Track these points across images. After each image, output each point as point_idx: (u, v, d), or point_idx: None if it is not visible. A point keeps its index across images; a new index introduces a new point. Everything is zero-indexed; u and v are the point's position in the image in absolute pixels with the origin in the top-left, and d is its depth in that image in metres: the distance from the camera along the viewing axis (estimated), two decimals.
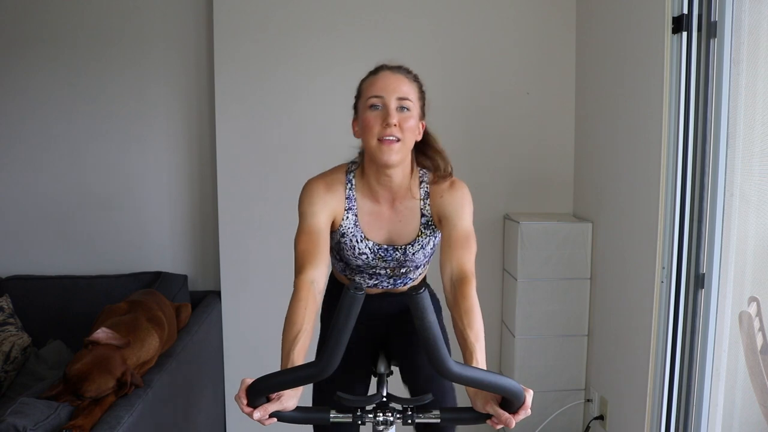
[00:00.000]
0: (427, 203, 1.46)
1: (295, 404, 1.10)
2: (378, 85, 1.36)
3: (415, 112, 1.38)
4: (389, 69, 1.39)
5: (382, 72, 1.39)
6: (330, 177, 1.46)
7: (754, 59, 1.74)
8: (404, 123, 1.34)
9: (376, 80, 1.37)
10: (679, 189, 1.89)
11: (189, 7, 2.65)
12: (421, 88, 1.43)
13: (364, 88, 1.39)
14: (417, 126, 1.40)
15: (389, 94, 1.34)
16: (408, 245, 1.48)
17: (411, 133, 1.37)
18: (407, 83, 1.38)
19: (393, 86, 1.35)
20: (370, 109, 1.35)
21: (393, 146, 1.33)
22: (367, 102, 1.36)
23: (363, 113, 1.37)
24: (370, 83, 1.38)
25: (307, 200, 1.41)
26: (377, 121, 1.34)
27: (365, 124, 1.35)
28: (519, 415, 1.06)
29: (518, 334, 2.52)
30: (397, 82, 1.36)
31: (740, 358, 1.84)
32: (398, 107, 1.34)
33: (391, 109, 1.34)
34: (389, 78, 1.37)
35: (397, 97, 1.35)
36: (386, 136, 1.33)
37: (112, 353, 1.68)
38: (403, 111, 1.35)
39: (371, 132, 1.34)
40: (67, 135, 2.69)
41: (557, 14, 2.64)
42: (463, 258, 1.34)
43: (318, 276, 1.30)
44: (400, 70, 1.40)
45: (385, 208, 1.46)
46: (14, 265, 2.70)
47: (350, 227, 1.45)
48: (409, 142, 1.38)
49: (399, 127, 1.33)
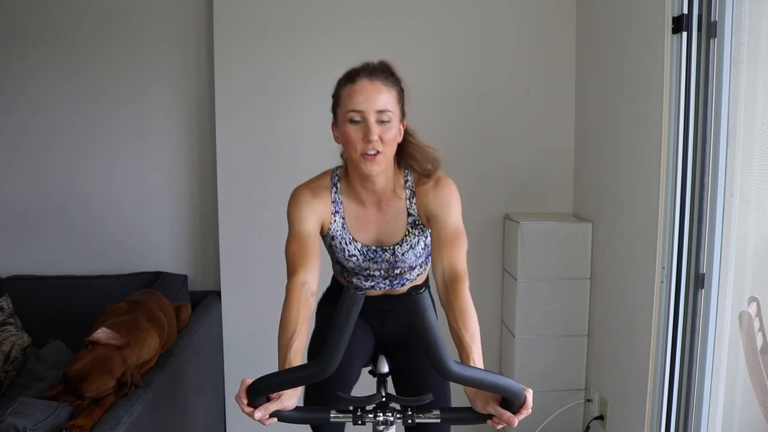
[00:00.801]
0: (413, 202, 1.46)
1: (296, 404, 1.11)
2: (356, 98, 1.32)
3: (396, 120, 1.36)
4: (367, 77, 1.34)
5: (360, 81, 1.34)
6: (315, 183, 1.47)
7: (754, 59, 1.74)
8: (385, 135, 1.33)
9: (354, 91, 1.33)
10: (679, 189, 1.89)
11: (189, 7, 2.65)
12: (400, 87, 1.39)
13: (343, 98, 1.35)
14: (398, 132, 1.38)
15: (368, 108, 1.31)
16: (396, 245, 1.48)
17: (392, 143, 1.36)
18: (385, 91, 1.34)
19: (371, 99, 1.32)
20: (350, 123, 1.33)
21: (375, 159, 1.33)
22: (347, 115, 1.33)
23: (343, 125, 1.35)
24: (348, 94, 1.34)
25: (294, 207, 1.42)
26: (358, 136, 1.32)
27: (346, 138, 1.34)
28: (521, 414, 1.06)
29: (518, 334, 2.52)
30: (376, 93, 1.32)
31: (740, 358, 1.84)
32: (378, 120, 1.32)
33: (371, 124, 1.31)
34: (367, 89, 1.32)
35: (377, 110, 1.32)
36: (368, 150, 1.32)
37: (112, 353, 1.68)
38: (383, 123, 1.33)
39: (353, 146, 1.33)
40: (67, 135, 2.69)
41: (557, 14, 2.64)
42: (454, 256, 1.34)
43: (309, 278, 1.32)
44: (377, 76, 1.35)
45: (372, 209, 1.46)
46: (14, 265, 2.70)
47: (338, 230, 1.46)
48: (390, 151, 1.37)
49: (380, 140, 1.32)
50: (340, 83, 1.39)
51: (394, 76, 1.39)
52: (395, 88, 1.37)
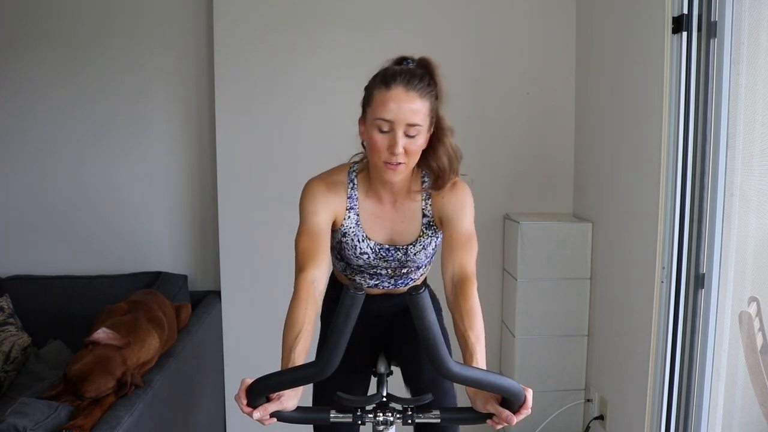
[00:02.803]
0: (429, 203, 1.46)
1: (296, 404, 1.11)
2: (388, 107, 1.27)
3: (424, 131, 1.32)
4: (403, 84, 1.27)
5: (395, 89, 1.27)
6: (331, 177, 1.45)
7: (754, 59, 1.74)
8: (410, 147, 1.30)
9: (387, 98, 1.27)
10: (679, 189, 1.89)
11: (189, 7, 2.65)
12: (435, 94, 1.33)
13: (375, 101, 1.29)
14: (424, 142, 1.34)
15: (398, 121, 1.27)
16: (410, 245, 1.48)
17: (416, 155, 1.33)
18: (419, 102, 1.28)
19: (403, 111, 1.26)
20: (378, 130, 1.29)
21: (398, 169, 1.32)
22: (375, 121, 1.28)
23: (370, 129, 1.30)
24: (381, 100, 1.28)
25: (308, 200, 1.40)
26: (384, 145, 1.29)
27: (372, 143, 1.31)
28: (520, 414, 1.06)
29: (518, 334, 2.52)
30: (409, 103, 1.27)
31: (740, 358, 1.84)
32: (406, 134, 1.29)
33: (398, 137, 1.27)
34: (401, 99, 1.26)
35: (407, 124, 1.27)
36: (392, 160, 1.30)
37: (112, 353, 1.68)
38: (411, 137, 1.29)
39: (377, 153, 1.31)
40: (67, 134, 2.69)
41: (557, 14, 2.64)
42: (464, 259, 1.34)
43: (319, 276, 1.30)
44: (413, 85, 1.28)
45: (388, 207, 1.46)
46: (14, 265, 2.70)
47: (352, 227, 1.45)
48: (413, 161, 1.34)
49: (405, 153, 1.30)
50: (375, 82, 1.32)
51: (432, 81, 1.33)
52: (430, 97, 1.31)
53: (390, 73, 1.30)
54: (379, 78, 1.31)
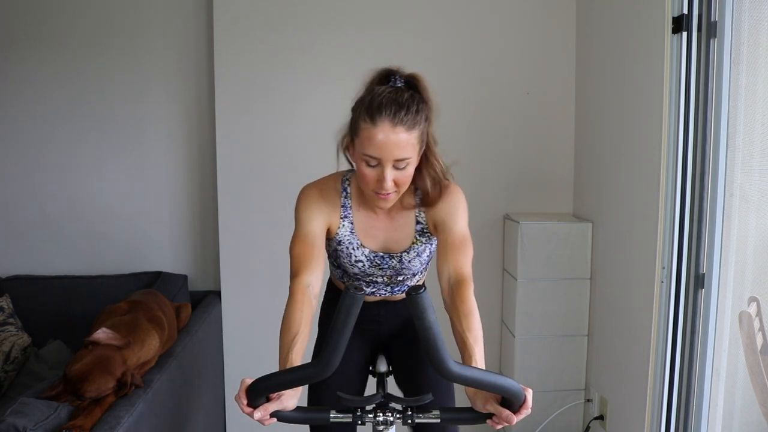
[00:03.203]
0: (422, 210, 1.45)
1: (295, 404, 1.11)
2: (374, 144, 1.24)
3: (414, 159, 1.30)
4: (389, 119, 1.23)
5: (381, 125, 1.23)
6: (325, 184, 1.45)
7: (754, 59, 1.74)
8: (400, 178, 1.29)
9: (373, 135, 1.23)
10: (679, 189, 1.89)
11: (189, 7, 2.65)
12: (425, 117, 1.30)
13: (361, 135, 1.26)
14: (413, 168, 1.33)
15: (386, 158, 1.25)
16: (404, 252, 1.47)
17: (406, 184, 1.33)
18: (405, 136, 1.24)
19: (390, 148, 1.24)
20: (366, 164, 1.28)
21: (388, 198, 1.32)
22: (363, 156, 1.27)
23: (358, 160, 1.30)
24: (367, 136, 1.24)
25: (303, 206, 1.41)
26: (372, 178, 1.29)
27: (361, 175, 1.31)
28: (520, 414, 1.06)
29: (518, 334, 2.52)
30: (396, 139, 1.23)
31: (740, 358, 1.84)
32: (395, 167, 1.28)
33: (386, 173, 1.27)
34: (388, 137, 1.23)
35: (395, 160, 1.26)
36: (381, 192, 1.30)
37: (112, 353, 1.68)
38: (400, 169, 1.28)
39: (367, 184, 1.31)
40: (66, 134, 2.68)
41: (557, 14, 2.64)
42: (460, 261, 1.34)
43: (313, 280, 1.31)
44: (400, 119, 1.23)
45: (382, 216, 1.46)
46: (14, 265, 2.70)
47: (346, 235, 1.45)
48: (404, 188, 1.34)
49: (395, 183, 1.29)
50: (360, 110, 1.27)
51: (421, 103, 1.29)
52: (419, 124, 1.28)
53: (375, 105, 1.25)
54: (364, 108, 1.26)
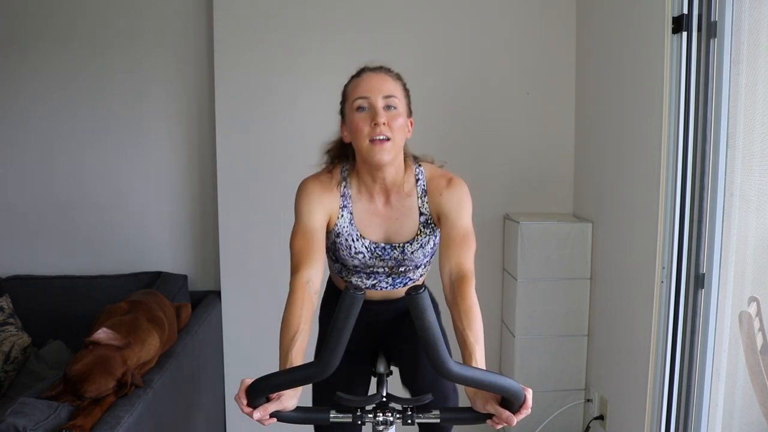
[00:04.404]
0: (425, 201, 1.46)
1: (295, 404, 1.11)
2: (362, 86, 1.37)
3: (402, 110, 1.38)
4: (371, 70, 1.40)
5: (365, 74, 1.39)
6: (325, 176, 1.47)
7: (754, 59, 1.74)
8: (393, 122, 1.34)
9: (359, 82, 1.38)
10: (679, 189, 1.89)
11: (189, 7, 2.65)
12: (405, 86, 1.44)
13: (349, 92, 1.40)
14: (406, 124, 1.40)
15: (375, 94, 1.35)
16: (407, 243, 1.47)
17: (401, 132, 1.37)
18: (391, 81, 1.39)
19: (378, 86, 1.36)
20: (358, 111, 1.35)
21: (384, 145, 1.33)
22: (354, 104, 1.36)
23: (351, 116, 1.37)
24: (354, 86, 1.39)
25: (303, 200, 1.41)
26: (366, 122, 1.34)
27: (354, 126, 1.36)
28: (520, 414, 1.06)
29: (518, 334, 2.52)
30: (381, 81, 1.37)
31: (740, 358, 1.84)
32: (385, 106, 1.35)
33: (378, 108, 1.34)
34: (372, 78, 1.38)
35: (383, 96, 1.35)
36: (376, 136, 1.33)
37: (112, 353, 1.68)
38: (390, 109, 1.35)
39: (361, 134, 1.34)
40: (67, 134, 2.69)
41: (557, 14, 2.64)
42: (462, 257, 1.35)
43: (314, 276, 1.31)
44: (381, 70, 1.41)
45: (380, 205, 1.46)
46: (14, 265, 2.70)
47: (345, 226, 1.45)
48: (399, 140, 1.37)
49: (388, 126, 1.34)
50: (346, 85, 1.43)
51: (398, 75, 1.44)
52: (400, 82, 1.42)
53: (358, 69, 1.43)
54: (349, 78, 1.43)
